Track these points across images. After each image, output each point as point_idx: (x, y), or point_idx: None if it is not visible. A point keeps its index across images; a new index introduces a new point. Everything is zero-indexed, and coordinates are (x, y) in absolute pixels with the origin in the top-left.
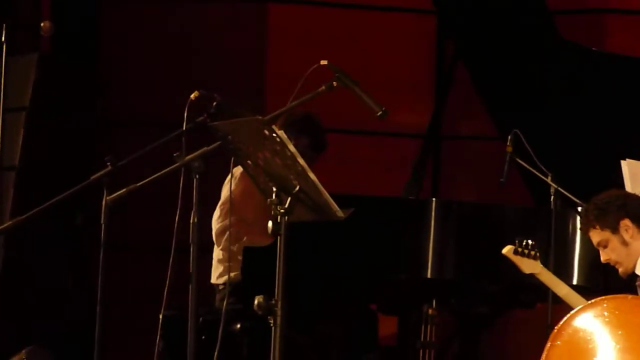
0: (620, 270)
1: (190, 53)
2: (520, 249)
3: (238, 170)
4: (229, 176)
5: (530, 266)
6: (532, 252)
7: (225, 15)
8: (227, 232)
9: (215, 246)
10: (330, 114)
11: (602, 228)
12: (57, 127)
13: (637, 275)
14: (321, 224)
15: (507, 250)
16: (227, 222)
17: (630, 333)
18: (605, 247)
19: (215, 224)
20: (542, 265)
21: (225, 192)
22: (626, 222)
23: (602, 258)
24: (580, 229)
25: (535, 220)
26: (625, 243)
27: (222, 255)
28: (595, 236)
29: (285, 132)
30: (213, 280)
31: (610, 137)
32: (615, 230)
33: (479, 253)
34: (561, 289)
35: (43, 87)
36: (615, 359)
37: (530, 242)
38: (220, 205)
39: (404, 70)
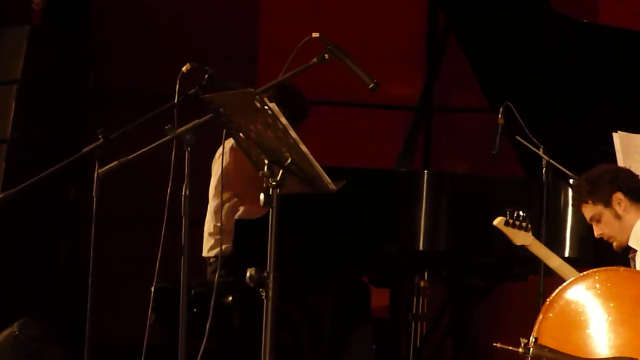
0: (615, 244)
1: (183, 25)
2: (511, 220)
3: (227, 145)
4: (219, 151)
5: (521, 238)
6: (524, 224)
7: None
8: (223, 206)
9: (207, 219)
10: (322, 86)
11: (595, 202)
12: (49, 100)
13: (630, 248)
14: (313, 197)
15: (498, 221)
16: (222, 197)
17: (622, 305)
18: (598, 221)
19: (212, 201)
20: (533, 237)
21: (216, 167)
22: (619, 196)
23: (596, 233)
24: (572, 204)
25: (527, 192)
26: (618, 216)
27: (213, 228)
28: (588, 211)
29: None
30: (204, 253)
31: (601, 110)
32: (608, 203)
33: (471, 225)
34: (553, 261)
35: (35, 60)
36: (606, 331)
37: (521, 213)
38: (214, 183)
39: (395, 42)
